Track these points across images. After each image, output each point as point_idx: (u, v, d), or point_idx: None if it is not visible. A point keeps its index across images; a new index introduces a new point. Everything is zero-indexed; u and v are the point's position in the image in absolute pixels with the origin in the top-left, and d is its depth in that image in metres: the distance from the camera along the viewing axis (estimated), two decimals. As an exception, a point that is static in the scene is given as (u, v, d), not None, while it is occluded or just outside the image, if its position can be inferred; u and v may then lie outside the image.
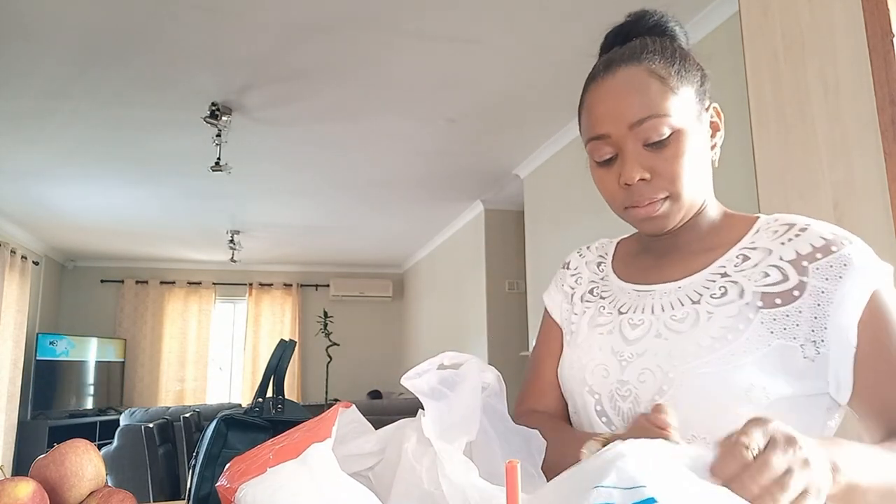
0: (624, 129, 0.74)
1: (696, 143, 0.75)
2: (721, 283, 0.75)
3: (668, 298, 0.79)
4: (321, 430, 0.61)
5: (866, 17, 1.33)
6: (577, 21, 2.65)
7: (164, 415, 4.02)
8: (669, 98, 0.73)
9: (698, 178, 0.76)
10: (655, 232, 0.79)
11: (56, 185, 4.74)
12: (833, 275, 0.69)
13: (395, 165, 4.49)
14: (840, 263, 0.69)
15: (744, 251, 0.76)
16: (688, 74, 0.76)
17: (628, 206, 0.77)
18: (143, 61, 2.97)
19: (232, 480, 0.62)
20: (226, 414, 0.99)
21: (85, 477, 0.75)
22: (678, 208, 0.76)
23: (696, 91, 0.77)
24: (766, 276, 0.72)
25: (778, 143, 1.54)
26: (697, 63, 0.80)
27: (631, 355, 0.77)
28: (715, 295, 0.75)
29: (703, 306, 0.75)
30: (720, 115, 0.80)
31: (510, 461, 0.43)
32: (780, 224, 0.76)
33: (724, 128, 0.81)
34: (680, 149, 0.73)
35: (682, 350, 0.73)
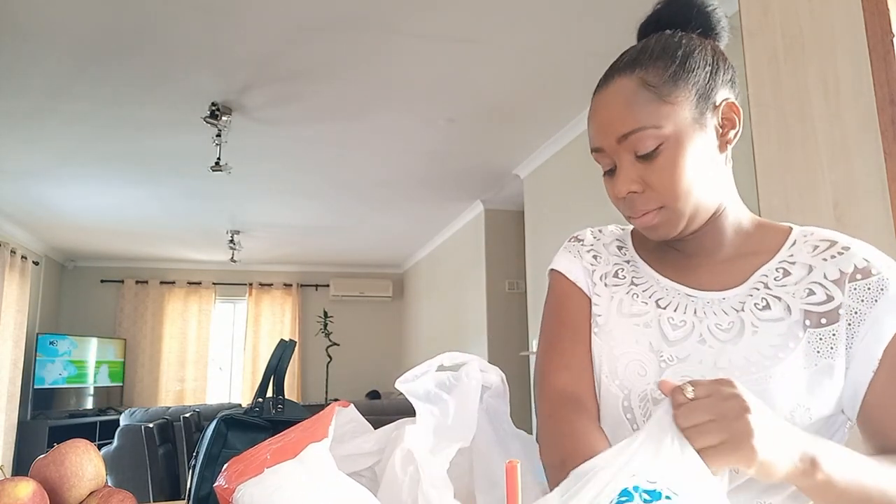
0: (613, 142, 0.74)
1: (696, 149, 0.73)
2: (763, 295, 0.74)
3: (712, 307, 0.77)
4: (318, 429, 0.61)
5: (866, 17, 1.33)
6: (577, 21, 2.65)
7: (164, 415, 4.02)
8: (659, 108, 0.72)
9: (700, 183, 0.74)
10: (660, 240, 0.78)
11: (56, 185, 4.74)
12: (869, 297, 0.69)
13: (395, 165, 4.49)
14: (878, 287, 0.69)
15: (783, 265, 0.75)
16: (688, 76, 0.74)
17: (628, 215, 0.78)
18: (143, 61, 2.97)
19: (230, 481, 0.62)
20: (226, 414, 0.99)
21: (85, 477, 0.75)
22: (676, 218, 0.75)
23: (699, 92, 0.74)
24: (811, 294, 0.72)
25: (778, 143, 1.54)
26: (709, 58, 0.76)
27: (671, 357, 0.75)
28: (758, 305, 0.74)
29: (747, 315, 0.74)
30: (736, 109, 0.76)
31: (510, 461, 0.43)
32: (819, 240, 0.75)
33: (741, 123, 0.77)
34: (671, 159, 0.72)
35: (730, 362, 0.71)
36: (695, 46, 0.76)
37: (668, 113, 0.72)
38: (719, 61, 0.77)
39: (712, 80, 0.75)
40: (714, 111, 0.75)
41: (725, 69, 0.77)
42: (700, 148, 0.74)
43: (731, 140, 0.77)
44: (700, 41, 0.77)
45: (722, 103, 0.76)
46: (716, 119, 0.75)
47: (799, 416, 0.67)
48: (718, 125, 0.75)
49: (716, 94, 0.75)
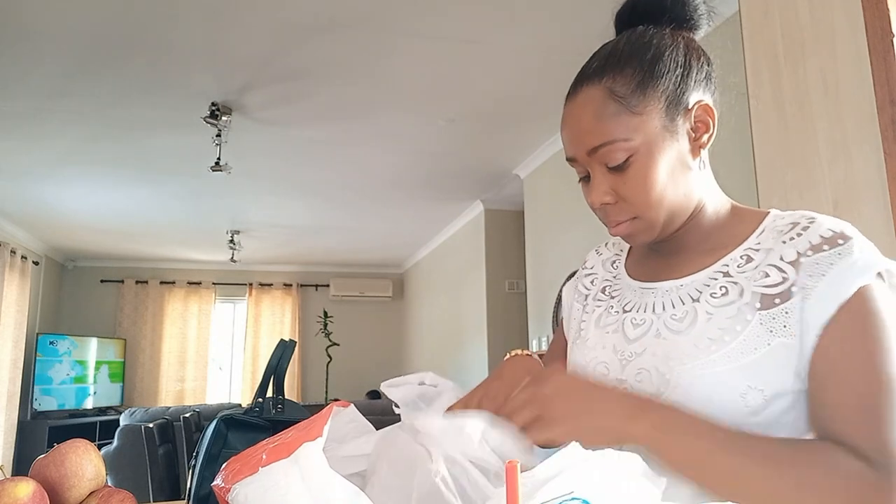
0: (584, 154, 0.75)
1: (668, 158, 0.73)
2: (722, 283, 0.74)
3: (669, 297, 0.78)
4: (314, 429, 0.61)
5: (866, 17, 1.33)
6: (577, 21, 2.65)
7: (164, 415, 4.02)
8: (628, 120, 0.72)
9: (673, 191, 0.74)
10: (637, 245, 0.80)
11: (56, 185, 4.74)
12: (818, 272, 0.68)
13: (395, 165, 4.49)
14: (828, 262, 0.68)
15: (748, 251, 0.74)
16: (656, 83, 0.73)
17: (605, 223, 0.79)
18: (143, 61, 2.97)
19: (227, 480, 0.62)
20: (226, 414, 0.99)
21: (85, 477, 0.75)
22: (650, 226, 0.75)
23: (668, 98, 0.73)
24: (765, 277, 0.71)
25: (778, 143, 1.54)
26: (681, 58, 0.75)
27: (631, 354, 0.77)
28: (715, 294, 0.74)
29: (702, 305, 0.74)
30: (710, 111, 0.75)
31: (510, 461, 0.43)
32: (785, 223, 0.74)
33: (716, 124, 0.76)
34: (642, 171, 0.72)
35: (680, 351, 0.72)
36: (665, 47, 0.75)
37: (637, 125, 0.72)
38: (692, 60, 0.75)
39: (683, 83, 0.74)
40: (686, 115, 0.74)
41: (699, 68, 0.76)
42: (672, 156, 0.73)
43: (704, 143, 0.76)
44: (672, 38, 0.76)
45: (694, 106, 0.74)
46: (688, 123, 0.74)
47: (752, 397, 0.67)
48: (691, 129, 0.74)
49: (687, 98, 0.74)
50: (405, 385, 0.75)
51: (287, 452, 0.58)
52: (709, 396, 0.68)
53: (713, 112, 0.76)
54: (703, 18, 0.80)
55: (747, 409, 0.67)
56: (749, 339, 0.69)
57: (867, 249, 0.68)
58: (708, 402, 0.68)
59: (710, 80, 0.78)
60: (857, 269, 0.66)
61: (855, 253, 0.67)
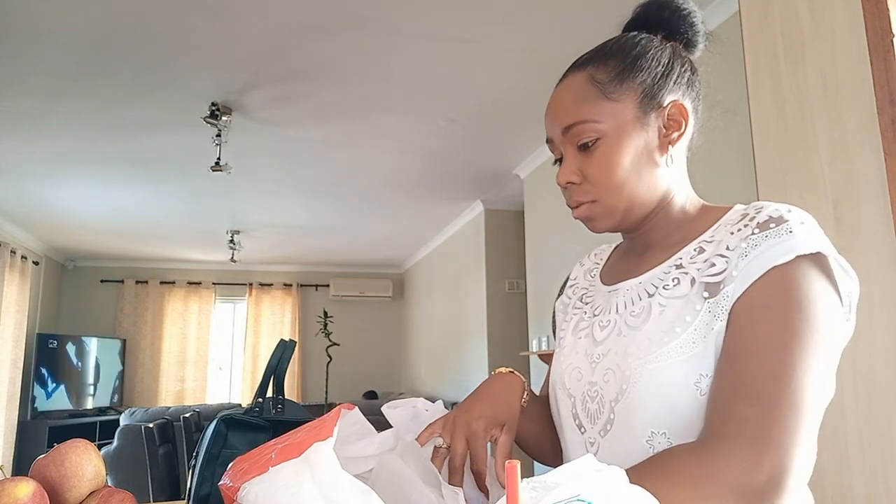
0: (559, 134, 0.78)
1: (634, 147, 0.75)
2: (675, 275, 0.75)
3: (629, 295, 0.79)
4: (323, 430, 0.61)
5: (866, 17, 1.33)
6: (577, 21, 2.66)
7: (164, 415, 4.02)
8: (601, 104, 0.76)
9: (635, 180, 0.76)
10: (597, 232, 0.81)
11: (56, 185, 4.74)
12: (743, 254, 0.68)
13: (395, 165, 4.49)
14: (754, 244, 0.68)
15: (702, 244, 0.75)
16: (635, 75, 0.76)
17: (568, 205, 0.81)
18: (143, 61, 2.97)
19: (234, 479, 0.62)
20: (226, 414, 0.99)
21: (85, 477, 0.75)
22: (608, 212, 0.78)
23: (645, 91, 0.76)
24: (711, 266, 0.71)
25: (778, 143, 1.54)
26: (664, 59, 0.78)
27: (598, 356, 0.78)
28: (668, 286, 0.74)
29: (656, 299, 0.75)
30: (684, 111, 0.78)
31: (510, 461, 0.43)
32: (738, 214, 0.74)
33: (688, 126, 0.78)
34: (608, 154, 0.75)
35: (637, 346, 0.72)
36: (651, 47, 0.79)
37: (610, 110, 0.75)
38: (675, 63, 0.79)
39: (662, 80, 0.77)
40: (660, 111, 0.77)
41: (682, 71, 0.79)
42: (639, 146, 0.76)
43: (673, 141, 0.77)
44: (661, 43, 0.80)
45: (669, 104, 0.77)
46: (661, 119, 0.77)
47: (705, 384, 0.68)
48: (663, 125, 0.77)
49: (664, 95, 0.77)
50: (401, 408, 0.78)
51: (297, 452, 0.58)
52: (665, 388, 0.69)
53: (687, 113, 0.78)
54: (700, 37, 0.83)
55: (703, 398, 0.67)
56: (699, 327, 0.69)
57: (799, 232, 0.67)
58: (664, 393, 0.69)
59: (691, 87, 0.80)
60: (776, 251, 0.66)
61: (782, 235, 0.66)
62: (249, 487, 0.58)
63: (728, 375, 0.65)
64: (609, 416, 0.74)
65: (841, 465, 1.31)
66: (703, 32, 0.83)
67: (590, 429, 0.77)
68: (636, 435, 0.71)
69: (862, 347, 1.29)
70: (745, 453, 0.59)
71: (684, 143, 0.80)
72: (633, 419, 0.71)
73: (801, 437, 0.60)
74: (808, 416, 0.62)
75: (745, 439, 0.60)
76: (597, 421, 0.76)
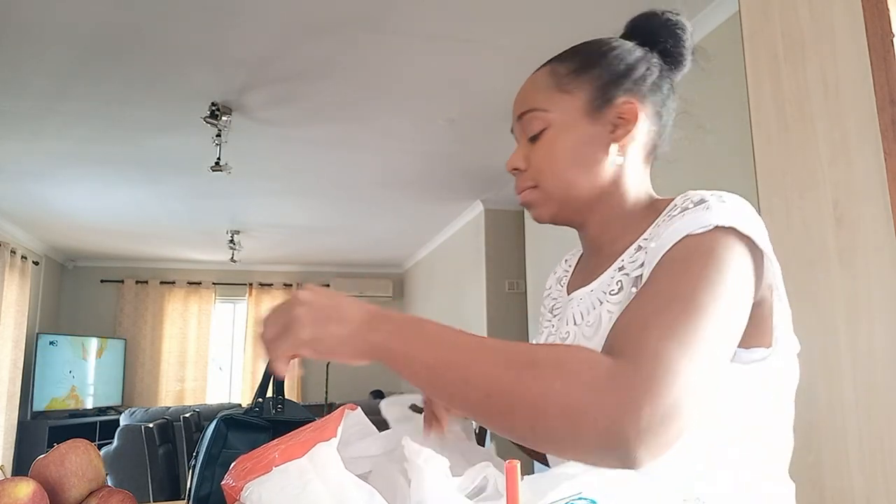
0: (515, 121, 0.82)
1: (578, 139, 0.77)
2: (618, 278, 0.73)
3: (583, 305, 0.78)
4: (326, 430, 0.61)
5: (866, 17, 1.33)
6: (577, 21, 2.65)
7: (164, 415, 4.02)
8: (553, 94, 0.78)
9: (574, 171, 0.77)
10: (539, 221, 0.83)
11: (56, 185, 4.74)
12: (658, 233, 0.67)
13: (395, 165, 4.49)
14: (668, 224, 0.66)
15: (641, 241, 0.73)
16: (592, 71, 0.78)
17: (517, 191, 0.83)
18: (143, 61, 2.96)
19: (237, 479, 0.63)
20: (226, 414, 0.99)
21: (85, 477, 0.75)
22: (545, 199, 0.79)
23: (599, 87, 0.77)
24: (640, 262, 0.70)
25: (778, 143, 1.54)
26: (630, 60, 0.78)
27: None
28: (613, 292, 0.73)
29: (605, 307, 0.73)
30: (633, 111, 0.77)
31: (510, 461, 0.43)
32: (672, 205, 0.70)
33: (641, 126, 0.77)
34: (551, 142, 0.78)
35: None
36: (617, 47, 0.80)
37: (560, 100, 0.78)
38: (639, 65, 0.79)
39: (622, 79, 0.78)
40: (610, 108, 0.77)
41: (645, 74, 0.79)
42: (583, 139, 0.77)
43: (618, 138, 0.77)
44: (635, 48, 0.80)
45: (621, 103, 0.77)
46: (611, 116, 0.77)
47: None
48: (612, 123, 0.77)
49: (618, 93, 0.77)
50: (398, 405, 0.78)
51: (301, 452, 0.58)
52: None
53: (636, 114, 0.77)
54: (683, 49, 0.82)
55: None
56: None
57: (717, 208, 0.63)
58: None
59: (655, 91, 0.80)
60: (692, 222, 0.63)
61: (699, 212, 0.64)
62: (252, 487, 0.58)
63: (645, 309, 0.59)
64: None
65: (841, 465, 1.31)
66: (689, 46, 0.82)
67: None
68: None
69: (862, 347, 1.29)
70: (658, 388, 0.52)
71: (638, 144, 0.79)
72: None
73: (705, 387, 0.55)
74: (714, 371, 0.56)
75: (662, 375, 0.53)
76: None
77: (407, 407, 0.79)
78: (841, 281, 1.34)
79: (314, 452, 0.57)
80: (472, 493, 0.58)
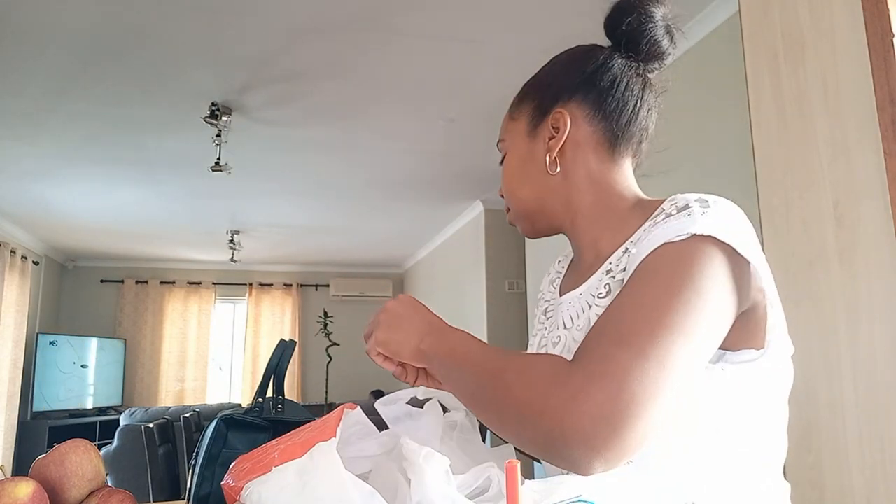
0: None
1: (523, 158, 0.82)
2: (605, 282, 0.73)
3: (573, 308, 0.78)
4: (326, 430, 0.61)
5: (866, 17, 1.33)
6: (577, 20, 2.65)
7: (164, 415, 4.02)
8: (508, 125, 0.86)
9: (522, 188, 0.83)
10: (527, 237, 0.89)
11: (56, 185, 4.74)
12: (639, 239, 0.66)
13: (396, 165, 4.49)
14: (651, 231, 0.65)
15: (628, 244, 0.72)
16: (532, 93, 0.83)
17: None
18: (143, 61, 2.96)
19: (237, 479, 0.63)
20: (226, 414, 0.99)
21: (85, 477, 0.75)
22: (518, 218, 0.86)
23: (538, 105, 0.81)
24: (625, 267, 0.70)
25: (778, 143, 1.54)
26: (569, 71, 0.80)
27: None
28: (601, 295, 0.72)
29: (593, 310, 0.73)
30: (562, 117, 0.78)
31: (510, 461, 0.43)
32: (659, 209, 0.70)
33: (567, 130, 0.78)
34: (505, 168, 0.85)
35: None
36: (558, 61, 0.84)
37: (510, 128, 0.85)
38: (571, 71, 0.80)
39: (558, 92, 0.80)
40: (545, 123, 0.80)
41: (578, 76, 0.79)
42: (525, 157, 0.82)
43: (552, 148, 0.78)
44: (573, 55, 0.82)
45: (553, 113, 0.79)
46: (547, 130, 0.80)
47: None
48: (548, 135, 0.79)
49: (554, 106, 0.79)
50: (395, 404, 0.79)
51: (301, 452, 0.58)
52: None
53: (565, 119, 0.78)
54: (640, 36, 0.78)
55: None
56: None
57: (699, 216, 0.63)
58: None
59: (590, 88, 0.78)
60: (671, 230, 0.63)
61: (681, 219, 0.63)
62: (252, 487, 0.58)
63: (605, 319, 0.60)
64: None
65: (841, 465, 1.31)
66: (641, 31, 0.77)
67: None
68: None
69: (862, 347, 1.29)
70: (599, 390, 0.53)
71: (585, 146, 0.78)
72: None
73: (659, 396, 0.54)
74: (671, 380, 0.55)
75: (606, 378, 0.53)
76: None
77: (405, 403, 0.79)
78: (841, 281, 1.34)
79: (314, 452, 0.57)
80: (475, 493, 0.58)
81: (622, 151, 0.80)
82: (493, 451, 0.78)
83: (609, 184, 0.79)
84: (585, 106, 0.78)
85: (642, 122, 0.81)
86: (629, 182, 0.81)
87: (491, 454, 0.77)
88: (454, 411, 0.81)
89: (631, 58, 0.80)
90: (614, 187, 0.79)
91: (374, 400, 0.84)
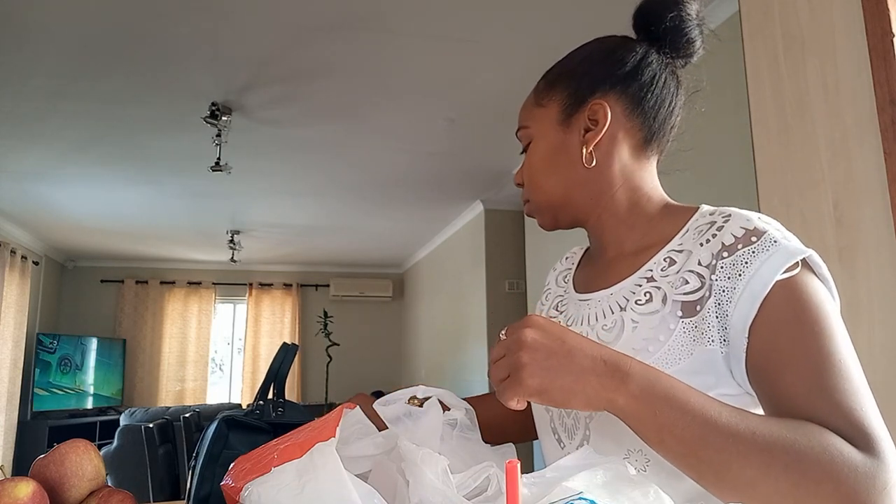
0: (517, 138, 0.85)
1: (553, 148, 0.79)
2: (646, 289, 0.71)
3: (600, 307, 0.76)
4: (325, 430, 0.61)
5: (866, 17, 1.33)
6: (577, 20, 2.65)
7: (164, 415, 4.02)
8: (532, 111, 0.82)
9: (553, 180, 0.79)
10: (544, 229, 0.85)
11: (56, 185, 4.74)
12: (734, 273, 0.65)
13: (395, 165, 4.49)
14: (742, 261, 0.65)
15: (671, 253, 0.72)
16: (565, 80, 0.79)
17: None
18: (143, 61, 2.96)
19: (237, 479, 0.63)
20: (227, 415, 0.99)
21: (85, 477, 0.75)
22: (537, 210, 0.83)
23: (572, 94, 0.77)
24: (685, 284, 0.68)
25: (778, 143, 1.54)
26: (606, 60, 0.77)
27: None
28: (640, 301, 0.71)
29: (628, 314, 0.72)
30: (602, 110, 0.76)
31: (510, 461, 0.43)
32: (705, 221, 0.71)
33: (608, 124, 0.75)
34: (530, 157, 0.81)
35: None
36: (593, 50, 0.79)
37: (537, 115, 0.81)
38: (610, 61, 0.77)
39: (596, 83, 0.77)
40: (581, 113, 0.77)
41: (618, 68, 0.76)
42: (556, 148, 0.78)
43: (589, 141, 0.76)
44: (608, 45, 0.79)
45: (591, 104, 0.76)
46: (583, 121, 0.77)
47: None
48: (584, 127, 0.77)
49: (589, 96, 0.77)
50: (395, 403, 0.78)
51: (300, 452, 0.58)
52: None
53: (605, 112, 0.75)
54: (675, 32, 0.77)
55: None
56: (673, 348, 0.67)
57: (781, 242, 0.65)
58: None
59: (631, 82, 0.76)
60: (772, 265, 0.64)
61: (770, 248, 0.65)
62: (252, 488, 0.58)
63: (800, 387, 0.61)
64: (585, 432, 0.73)
65: (841, 465, 1.31)
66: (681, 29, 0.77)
67: (569, 444, 0.76)
68: (613, 453, 0.68)
69: (862, 347, 1.29)
70: (882, 466, 0.57)
71: (621, 142, 0.77)
72: (608, 437, 0.70)
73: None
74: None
75: (885, 458, 0.58)
76: (574, 436, 0.75)
77: (404, 402, 0.79)
78: (841, 281, 1.34)
79: (313, 452, 0.57)
80: (473, 493, 0.58)
81: (653, 149, 0.80)
82: (493, 449, 0.78)
83: (638, 182, 0.79)
84: (625, 99, 0.76)
85: (675, 121, 0.80)
86: (655, 182, 0.81)
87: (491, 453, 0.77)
88: (454, 409, 0.81)
89: (666, 54, 0.79)
90: (643, 187, 0.79)
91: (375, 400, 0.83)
